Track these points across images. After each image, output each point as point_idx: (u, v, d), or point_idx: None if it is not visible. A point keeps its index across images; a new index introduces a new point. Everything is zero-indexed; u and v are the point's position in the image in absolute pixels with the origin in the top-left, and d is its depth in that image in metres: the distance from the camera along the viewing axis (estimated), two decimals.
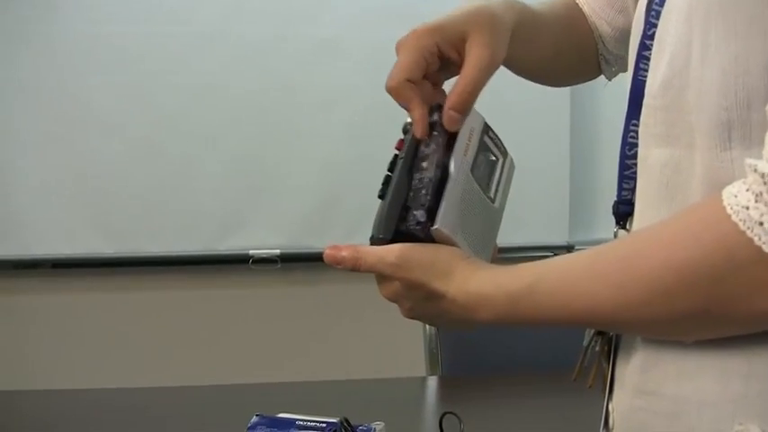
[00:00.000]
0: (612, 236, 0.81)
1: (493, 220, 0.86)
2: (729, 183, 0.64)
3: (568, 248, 3.20)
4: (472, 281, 0.76)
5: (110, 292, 3.11)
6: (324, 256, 0.84)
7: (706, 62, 0.67)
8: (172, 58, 3.02)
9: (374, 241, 0.83)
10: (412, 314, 0.84)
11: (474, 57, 0.82)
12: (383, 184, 0.84)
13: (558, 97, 3.00)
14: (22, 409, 1.64)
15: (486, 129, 0.85)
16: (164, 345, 3.10)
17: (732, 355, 0.67)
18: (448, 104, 0.82)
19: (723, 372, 0.68)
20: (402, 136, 0.85)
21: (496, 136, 0.87)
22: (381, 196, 0.84)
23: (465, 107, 0.82)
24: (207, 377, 2.58)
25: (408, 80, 0.82)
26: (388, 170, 0.84)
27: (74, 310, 3.08)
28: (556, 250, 3.19)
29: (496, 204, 0.86)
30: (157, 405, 1.67)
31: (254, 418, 1.26)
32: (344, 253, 0.83)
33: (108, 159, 3.00)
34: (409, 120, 0.84)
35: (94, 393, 1.79)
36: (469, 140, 0.83)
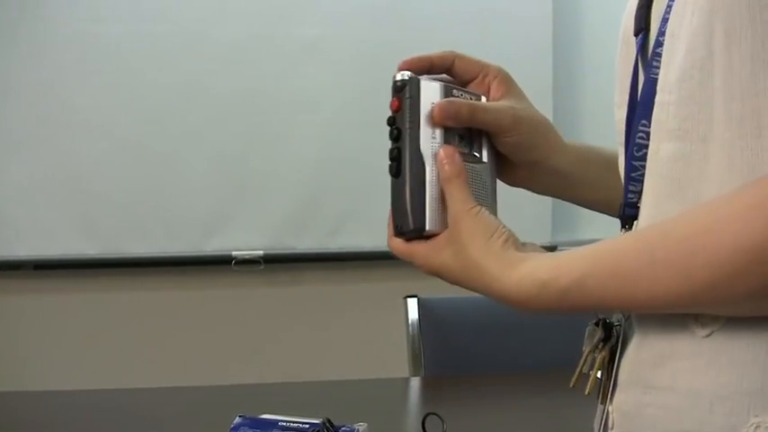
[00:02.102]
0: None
1: (486, 175, 0.84)
2: (761, 170, 0.64)
3: (551, 249, 3.19)
4: (512, 283, 0.74)
5: (92, 293, 3.10)
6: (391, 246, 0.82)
7: (732, 49, 0.67)
8: (156, 57, 3.01)
9: (408, 233, 0.80)
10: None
11: (505, 108, 0.86)
12: (393, 159, 0.80)
13: (539, 96, 3.01)
14: (1, 409, 1.63)
15: (449, 90, 0.83)
16: (146, 346, 3.09)
17: (749, 347, 0.66)
18: (452, 106, 0.82)
19: (739, 364, 0.67)
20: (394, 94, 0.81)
21: (463, 89, 0.85)
22: (396, 174, 0.80)
23: (458, 119, 0.82)
24: (189, 378, 2.57)
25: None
26: (392, 137, 0.80)
27: (56, 311, 3.07)
28: None
29: (484, 159, 0.84)
30: (139, 406, 1.67)
31: (237, 419, 1.26)
32: (400, 252, 0.82)
33: (91, 160, 2.99)
34: (400, 77, 0.81)
35: (76, 395, 1.79)
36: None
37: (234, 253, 3.09)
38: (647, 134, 0.75)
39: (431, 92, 0.81)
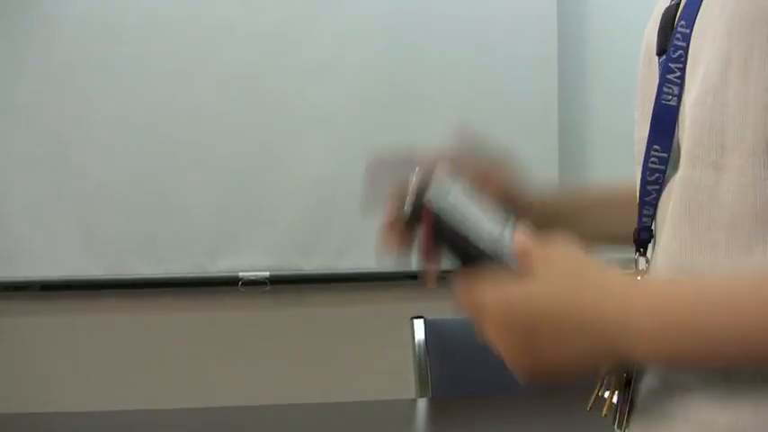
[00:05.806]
0: (633, 263, 0.79)
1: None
2: None
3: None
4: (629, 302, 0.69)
5: (98, 314, 3.09)
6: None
7: (749, 79, 0.67)
8: (164, 76, 3.02)
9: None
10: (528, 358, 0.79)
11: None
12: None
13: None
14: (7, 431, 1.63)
15: (457, 179, 0.86)
16: (152, 367, 3.08)
17: (766, 381, 0.66)
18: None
19: (756, 398, 0.66)
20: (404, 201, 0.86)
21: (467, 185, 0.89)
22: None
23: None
24: (196, 399, 2.57)
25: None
26: (459, 255, 0.82)
27: (62, 332, 3.07)
28: None
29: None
30: (144, 428, 1.66)
31: None
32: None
33: (97, 180, 2.99)
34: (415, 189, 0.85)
35: (81, 416, 1.78)
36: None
37: (240, 274, 3.08)
38: (659, 158, 0.75)
39: (452, 191, 0.86)
